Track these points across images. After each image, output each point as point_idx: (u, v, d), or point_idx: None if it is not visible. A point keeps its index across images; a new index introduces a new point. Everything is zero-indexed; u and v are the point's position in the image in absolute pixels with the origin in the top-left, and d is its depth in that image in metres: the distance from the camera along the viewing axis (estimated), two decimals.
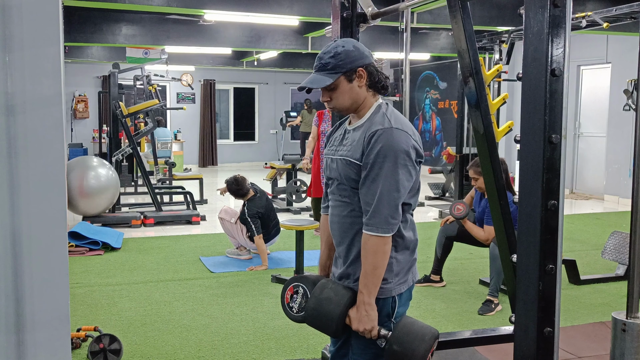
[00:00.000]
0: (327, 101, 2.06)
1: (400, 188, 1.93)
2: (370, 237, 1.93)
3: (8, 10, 1.68)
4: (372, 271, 1.93)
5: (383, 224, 1.92)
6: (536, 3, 1.93)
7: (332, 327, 2.00)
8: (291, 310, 2.15)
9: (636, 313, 2.15)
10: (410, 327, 1.96)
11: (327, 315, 2.00)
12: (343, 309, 1.98)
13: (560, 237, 1.99)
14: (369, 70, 2.03)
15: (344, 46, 2.02)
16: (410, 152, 1.94)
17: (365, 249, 1.94)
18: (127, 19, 8.66)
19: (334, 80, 2.00)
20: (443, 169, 9.87)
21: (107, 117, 11.30)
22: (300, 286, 2.13)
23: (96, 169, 7.11)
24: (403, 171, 1.93)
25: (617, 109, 9.40)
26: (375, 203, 1.92)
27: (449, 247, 4.98)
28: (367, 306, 1.95)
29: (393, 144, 1.92)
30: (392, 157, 1.91)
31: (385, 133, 1.93)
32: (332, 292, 2.02)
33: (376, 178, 1.92)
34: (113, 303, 4.56)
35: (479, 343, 3.35)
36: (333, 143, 2.15)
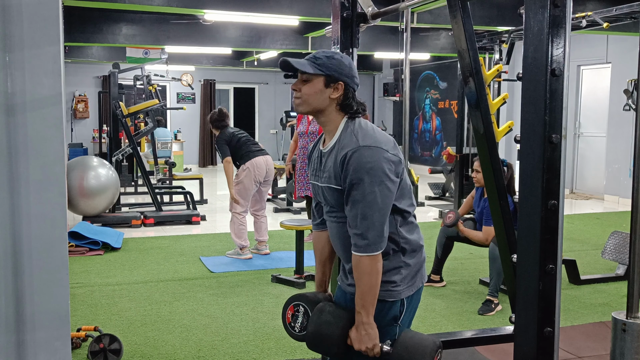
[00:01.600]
0: (296, 90, 2.03)
1: (380, 207, 1.91)
2: (361, 259, 1.93)
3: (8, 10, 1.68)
4: (368, 291, 1.93)
5: (371, 244, 1.92)
6: (536, 3, 1.93)
7: (333, 350, 2.02)
8: (293, 330, 2.16)
9: (636, 313, 2.15)
10: (410, 342, 1.96)
11: (328, 339, 2.01)
12: (342, 331, 1.99)
13: (560, 237, 1.99)
14: (347, 90, 2.01)
15: (342, 58, 2.03)
16: (382, 167, 1.91)
17: (358, 270, 1.94)
18: (127, 19, 8.66)
19: (314, 72, 1.98)
20: (443, 169, 9.87)
21: (107, 117, 11.31)
22: (301, 305, 2.14)
23: (96, 169, 7.11)
24: (380, 188, 1.91)
25: (617, 109, 9.40)
26: (359, 226, 1.92)
27: (449, 247, 4.98)
28: (366, 326, 1.95)
29: (364, 164, 1.90)
30: (366, 177, 1.90)
31: (355, 154, 1.91)
32: (330, 316, 2.02)
33: (355, 201, 1.92)
34: (113, 303, 4.56)
35: (479, 343, 3.35)
36: (314, 167, 2.14)
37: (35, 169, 1.76)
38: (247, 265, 5.70)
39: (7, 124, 1.72)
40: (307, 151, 6.16)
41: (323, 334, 2.01)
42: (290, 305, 2.16)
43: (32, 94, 1.73)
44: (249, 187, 5.84)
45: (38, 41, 1.72)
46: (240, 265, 5.70)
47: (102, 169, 7.17)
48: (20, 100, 1.72)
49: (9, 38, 1.69)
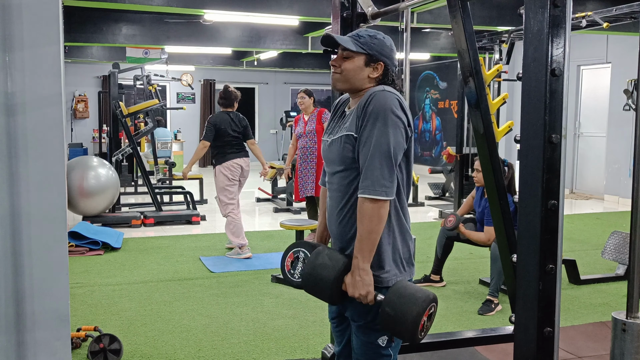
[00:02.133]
0: (335, 66, 2.06)
1: (391, 148, 1.92)
2: (365, 201, 1.92)
3: (8, 10, 1.68)
4: (367, 236, 1.92)
5: (375, 185, 1.90)
6: (536, 3, 1.93)
7: (327, 293, 2.00)
8: (292, 277, 2.14)
9: (636, 313, 2.15)
10: (403, 291, 1.94)
11: (323, 281, 1.99)
12: (337, 274, 1.97)
13: (560, 237, 1.99)
14: (387, 70, 2.05)
15: (384, 38, 2.06)
16: (398, 112, 1.95)
17: (361, 213, 1.93)
18: (127, 19, 8.66)
19: (356, 50, 2.01)
20: (443, 169, 9.87)
21: (107, 117, 11.31)
22: (301, 251, 2.13)
23: (96, 169, 7.11)
24: (394, 132, 1.93)
25: (617, 109, 9.40)
26: (367, 164, 1.92)
27: (449, 247, 4.98)
28: (361, 271, 1.93)
29: (383, 103, 1.93)
30: (382, 117, 1.92)
31: (377, 95, 1.96)
32: (327, 258, 2.01)
33: (368, 138, 1.93)
34: (113, 303, 4.56)
35: (479, 343, 3.35)
36: (332, 126, 2.16)
37: (35, 169, 1.76)
38: (247, 265, 5.70)
39: (7, 124, 1.72)
40: (307, 151, 6.16)
41: (318, 276, 2.00)
42: (290, 252, 2.16)
43: (32, 94, 1.73)
44: (231, 185, 5.94)
45: (38, 41, 1.72)
46: (240, 265, 5.70)
47: (102, 169, 7.17)
48: (20, 100, 1.72)
49: (9, 38, 1.69)
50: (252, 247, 6.41)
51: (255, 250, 6.32)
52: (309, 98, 6.24)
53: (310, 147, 6.22)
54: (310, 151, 6.22)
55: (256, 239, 6.89)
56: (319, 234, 2.32)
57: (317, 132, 6.15)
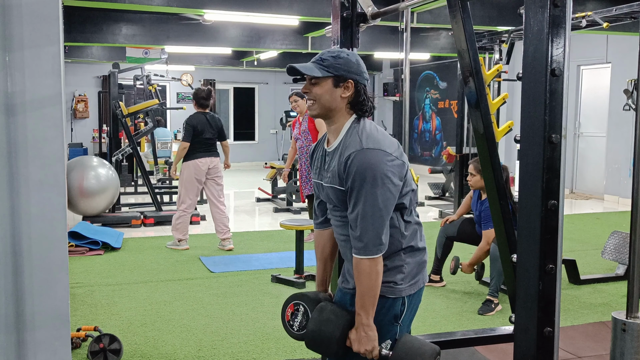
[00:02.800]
0: (307, 93, 2.03)
1: (381, 209, 1.91)
2: (361, 260, 1.93)
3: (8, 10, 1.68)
4: (367, 292, 1.93)
5: (370, 246, 1.92)
6: (536, 3, 1.93)
7: (333, 349, 2.01)
8: (292, 329, 2.15)
9: (636, 313, 2.15)
10: (409, 346, 1.96)
11: (327, 338, 2.00)
12: (342, 331, 1.99)
13: (560, 237, 1.99)
14: (358, 88, 2.01)
15: (348, 55, 2.02)
16: (385, 170, 1.91)
17: (358, 272, 1.94)
18: (127, 19, 8.66)
19: (322, 75, 1.98)
20: (443, 169, 9.87)
21: (107, 117, 11.31)
22: (301, 304, 2.13)
23: (96, 169, 7.11)
24: (382, 191, 1.90)
25: (617, 109, 9.40)
26: (360, 228, 1.92)
27: (449, 247, 4.98)
28: (365, 327, 1.95)
29: (367, 166, 1.89)
30: (368, 179, 1.89)
31: (358, 156, 1.91)
32: (331, 314, 2.02)
33: (357, 202, 1.92)
34: (113, 303, 4.56)
35: (479, 343, 3.35)
36: (317, 166, 2.13)
37: (35, 169, 1.75)
38: (247, 265, 5.70)
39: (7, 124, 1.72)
40: (304, 150, 6.14)
41: (323, 332, 2.01)
42: (291, 304, 2.16)
43: (32, 94, 1.73)
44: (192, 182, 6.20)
45: (38, 41, 1.72)
46: (240, 265, 5.70)
47: (102, 169, 7.17)
48: (20, 100, 1.72)
49: (9, 38, 1.69)
50: (252, 247, 6.42)
51: (255, 250, 6.32)
52: (302, 100, 6.24)
53: (306, 146, 6.22)
54: (306, 150, 6.23)
55: (256, 239, 6.89)
56: (320, 280, 2.30)
57: (310, 130, 6.16)
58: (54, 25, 1.74)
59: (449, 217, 5.04)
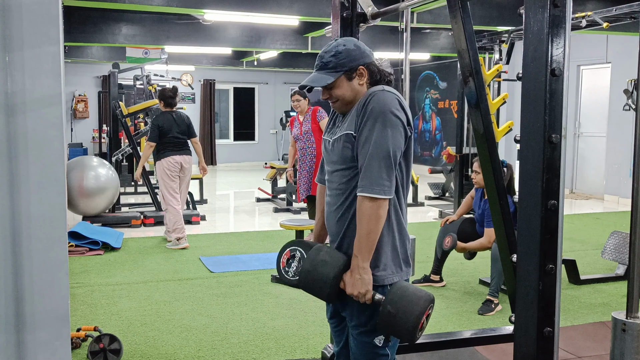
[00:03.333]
0: (328, 98, 2.08)
1: (389, 150, 1.93)
2: (364, 200, 1.93)
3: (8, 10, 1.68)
4: (366, 235, 1.93)
5: (374, 184, 1.92)
6: (536, 3, 1.93)
7: (325, 290, 2.00)
8: (287, 275, 2.15)
9: (636, 313, 2.15)
10: (404, 290, 1.96)
11: (322, 278, 2.00)
12: (337, 271, 1.98)
13: (560, 237, 1.99)
14: (370, 69, 2.05)
15: (345, 45, 2.04)
16: (397, 113, 1.96)
17: (359, 212, 1.94)
18: (127, 19, 8.66)
19: (335, 79, 2.02)
20: (443, 169, 9.88)
21: (107, 117, 11.30)
22: (298, 250, 2.14)
23: (96, 169, 7.11)
24: (393, 133, 1.94)
25: (617, 109, 9.40)
26: (366, 163, 1.93)
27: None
28: (361, 270, 1.94)
29: (382, 104, 1.95)
30: (381, 117, 1.94)
31: (376, 95, 1.97)
32: (327, 256, 2.02)
33: (367, 139, 1.94)
34: (113, 303, 4.56)
35: (479, 343, 3.35)
36: (333, 125, 2.17)
37: (35, 169, 1.75)
38: (247, 265, 5.70)
39: (7, 124, 1.72)
40: (306, 152, 6.10)
41: (318, 272, 2.01)
42: (287, 250, 2.17)
43: (32, 94, 1.73)
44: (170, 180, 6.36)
45: (38, 41, 1.72)
46: (240, 265, 5.70)
47: (102, 169, 7.17)
48: (20, 100, 1.72)
49: (9, 38, 1.69)
50: (252, 247, 6.42)
51: (255, 250, 6.32)
52: (304, 100, 6.18)
53: (307, 147, 6.14)
54: (309, 152, 6.15)
55: (256, 239, 6.89)
56: (316, 233, 2.33)
57: (314, 131, 6.07)
58: (54, 25, 1.74)
59: (449, 217, 5.04)
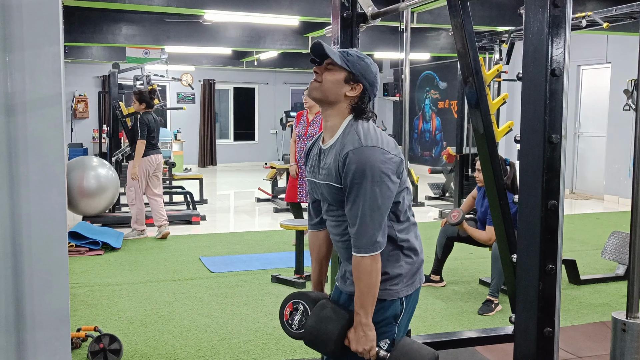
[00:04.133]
0: (317, 73, 2.03)
1: (380, 206, 1.92)
2: (362, 259, 1.93)
3: (8, 10, 1.68)
4: (367, 291, 1.93)
5: (369, 244, 1.92)
6: (536, 3, 1.93)
7: (330, 347, 2.01)
8: (290, 327, 2.14)
9: (636, 313, 2.15)
10: (408, 349, 1.96)
11: (326, 335, 2.00)
12: (342, 329, 1.98)
13: (560, 237, 1.99)
14: (363, 94, 2.02)
15: (371, 64, 2.04)
16: (383, 167, 1.91)
17: (358, 271, 1.94)
18: (127, 19, 8.66)
19: (341, 64, 1.99)
20: (443, 169, 9.88)
21: (107, 117, 11.29)
22: (300, 303, 2.12)
23: (96, 169, 7.11)
24: (381, 188, 1.91)
25: (617, 109, 9.40)
26: (358, 225, 1.92)
27: (449, 248, 4.98)
28: (364, 327, 1.95)
29: (365, 163, 1.90)
30: (367, 177, 1.90)
31: (357, 153, 1.91)
32: (331, 312, 2.02)
33: (355, 200, 1.92)
34: (113, 303, 4.56)
35: (479, 343, 3.35)
36: (312, 164, 2.13)
37: (35, 169, 1.75)
38: (247, 265, 5.70)
39: (7, 124, 1.72)
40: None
41: (322, 330, 2.01)
42: (289, 303, 2.15)
43: (32, 94, 1.73)
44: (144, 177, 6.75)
45: (38, 41, 1.72)
46: (240, 265, 5.70)
47: (102, 169, 7.17)
48: (20, 100, 1.72)
49: (9, 38, 1.69)
50: (252, 247, 6.42)
51: (255, 250, 6.32)
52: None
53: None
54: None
55: (256, 239, 6.89)
56: (315, 280, 2.30)
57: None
58: (54, 25, 1.74)
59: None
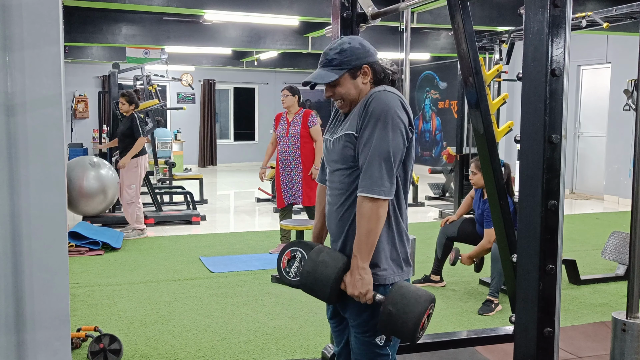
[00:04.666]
0: (331, 96, 2.08)
1: (390, 151, 1.93)
2: (364, 200, 1.93)
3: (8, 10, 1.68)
4: (366, 235, 1.93)
5: (375, 185, 1.92)
6: (536, 3, 1.93)
7: (326, 291, 2.01)
8: (287, 275, 2.15)
9: (636, 313, 2.15)
10: (405, 290, 1.96)
11: (322, 279, 2.00)
12: (338, 272, 1.98)
13: (560, 237, 1.99)
14: (374, 68, 2.05)
15: (350, 43, 2.04)
16: (399, 114, 1.96)
17: (360, 213, 1.95)
18: (127, 19, 8.66)
19: (338, 76, 2.02)
20: (443, 169, 9.87)
21: (107, 117, 11.29)
22: (298, 251, 2.14)
23: (96, 169, 7.11)
24: (394, 135, 1.94)
25: (617, 109, 9.40)
26: (367, 164, 1.94)
27: (449, 248, 4.97)
28: (361, 270, 1.95)
29: (384, 105, 1.95)
30: (382, 118, 1.94)
31: (378, 95, 1.98)
32: (327, 257, 2.02)
33: (369, 139, 1.95)
34: (113, 303, 4.56)
35: (479, 343, 3.35)
36: (334, 125, 2.16)
37: (35, 169, 1.75)
38: (247, 265, 5.70)
39: (7, 124, 1.72)
40: (290, 156, 5.88)
41: (319, 274, 2.01)
42: (287, 251, 2.17)
43: (32, 94, 1.73)
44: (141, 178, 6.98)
45: (38, 41, 1.72)
46: (240, 265, 5.70)
47: (102, 169, 7.17)
48: (20, 100, 1.72)
49: (9, 38, 1.69)
50: (252, 247, 6.42)
51: (255, 250, 6.32)
52: (292, 96, 5.84)
53: (292, 152, 5.82)
54: (294, 156, 5.83)
55: (256, 239, 6.89)
56: (316, 233, 2.33)
57: (302, 136, 5.76)
58: (54, 25, 1.73)
59: (449, 217, 5.04)
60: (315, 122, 5.85)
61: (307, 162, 5.86)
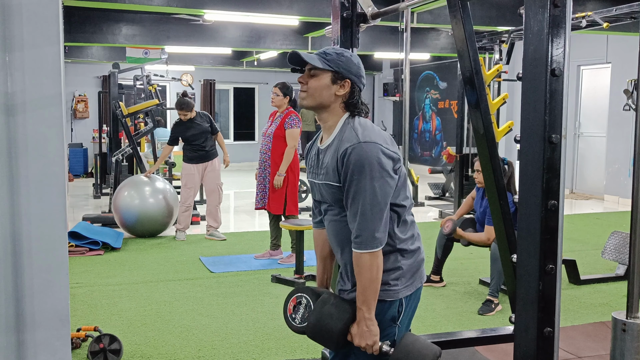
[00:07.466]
0: (303, 83, 2.04)
1: (379, 202, 1.92)
2: (362, 255, 1.93)
3: (8, 10, 1.68)
4: (369, 286, 1.93)
5: (370, 240, 1.92)
6: (536, 3, 1.93)
7: (332, 343, 2.01)
8: (293, 322, 2.14)
9: (636, 313, 2.15)
10: (411, 347, 1.97)
11: (328, 331, 2.00)
12: (344, 325, 1.99)
13: (560, 237, 1.99)
14: (353, 89, 2.03)
15: (351, 56, 2.04)
16: (382, 162, 1.92)
17: (359, 266, 1.94)
18: (127, 19, 8.66)
19: (322, 67, 1.99)
20: (443, 169, 9.87)
21: (107, 117, 11.30)
22: (304, 297, 2.13)
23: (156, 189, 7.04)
24: (380, 184, 1.91)
25: (617, 109, 9.40)
26: (358, 221, 1.92)
27: (449, 248, 4.98)
28: (367, 322, 1.95)
29: (364, 159, 1.90)
30: (366, 172, 1.90)
31: (355, 150, 1.92)
32: (333, 308, 2.02)
33: (355, 196, 1.92)
34: (113, 303, 4.56)
35: (479, 343, 3.35)
36: (311, 165, 2.14)
37: (35, 169, 1.75)
38: (247, 265, 5.70)
39: (7, 124, 1.71)
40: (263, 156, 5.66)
41: (325, 325, 2.01)
42: (293, 297, 2.16)
43: (32, 94, 1.73)
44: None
45: (38, 41, 1.71)
46: (240, 265, 5.70)
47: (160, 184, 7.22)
48: (20, 100, 1.72)
49: (9, 38, 1.69)
50: (252, 247, 6.42)
51: (255, 250, 6.32)
52: (282, 97, 5.55)
53: (265, 152, 5.66)
54: (264, 157, 5.65)
55: (256, 239, 6.89)
56: (319, 278, 2.31)
57: (275, 136, 5.54)
58: (54, 25, 1.73)
59: (449, 217, 5.04)
60: (293, 124, 5.49)
61: (275, 165, 5.55)
